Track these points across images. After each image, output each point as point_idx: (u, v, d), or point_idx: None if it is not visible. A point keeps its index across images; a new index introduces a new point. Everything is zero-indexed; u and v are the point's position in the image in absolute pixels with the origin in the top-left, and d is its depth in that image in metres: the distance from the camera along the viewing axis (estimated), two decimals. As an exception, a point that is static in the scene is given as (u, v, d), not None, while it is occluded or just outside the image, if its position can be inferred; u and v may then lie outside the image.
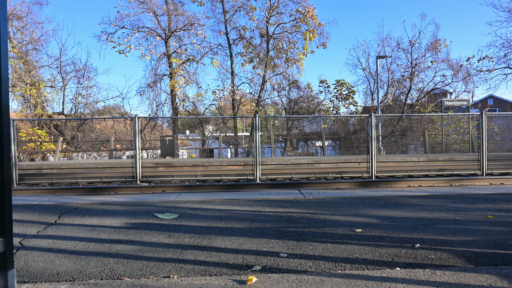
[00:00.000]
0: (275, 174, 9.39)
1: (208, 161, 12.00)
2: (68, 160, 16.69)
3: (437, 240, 3.19)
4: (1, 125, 1.69)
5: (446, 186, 7.18)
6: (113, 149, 16.70)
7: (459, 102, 18.87)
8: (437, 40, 21.79)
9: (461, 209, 4.45)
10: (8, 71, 2.43)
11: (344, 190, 6.57)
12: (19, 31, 20.31)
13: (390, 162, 11.39)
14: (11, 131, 8.14)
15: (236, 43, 22.79)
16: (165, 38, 21.92)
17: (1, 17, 1.70)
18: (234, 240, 3.29)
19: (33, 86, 19.17)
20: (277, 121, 25.97)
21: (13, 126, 8.37)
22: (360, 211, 4.43)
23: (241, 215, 4.29)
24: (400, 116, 20.76)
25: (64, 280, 2.46)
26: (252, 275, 2.46)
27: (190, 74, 22.48)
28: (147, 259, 2.83)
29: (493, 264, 2.63)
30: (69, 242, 3.28)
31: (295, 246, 3.09)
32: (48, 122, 19.51)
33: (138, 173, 8.53)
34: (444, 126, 19.94)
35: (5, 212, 1.73)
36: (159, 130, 22.93)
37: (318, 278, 2.44)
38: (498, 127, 20.49)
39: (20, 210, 4.78)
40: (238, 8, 22.01)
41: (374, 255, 2.85)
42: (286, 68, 22.77)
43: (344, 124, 23.24)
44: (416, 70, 22.10)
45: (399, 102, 23.16)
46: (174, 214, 4.36)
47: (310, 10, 20.95)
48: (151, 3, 21.20)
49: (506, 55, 20.97)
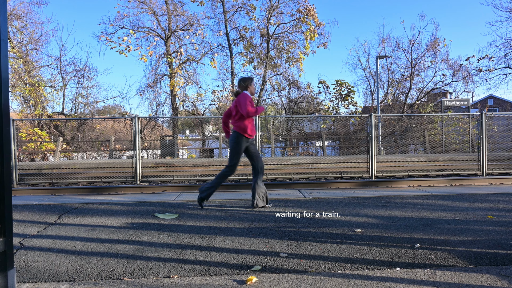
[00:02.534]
0: (275, 174, 9.39)
1: (208, 161, 12.00)
2: (68, 160, 16.69)
3: (437, 240, 3.19)
4: (1, 125, 1.69)
5: (446, 186, 7.18)
6: (113, 149, 16.70)
7: (459, 102, 18.87)
8: (436, 40, 21.80)
9: (461, 209, 4.45)
10: (8, 71, 2.43)
11: (344, 190, 6.57)
12: (19, 31, 20.31)
13: (390, 162, 11.39)
14: (11, 131, 8.13)
15: (237, 43, 22.81)
16: (165, 38, 21.92)
17: (1, 17, 1.70)
18: (234, 240, 3.29)
19: (33, 86, 19.16)
20: (277, 121, 25.97)
21: (13, 126, 8.36)
22: (360, 211, 4.44)
23: (241, 215, 4.29)
24: (400, 116, 20.76)
25: (64, 280, 2.46)
26: (252, 275, 2.46)
27: (190, 74, 22.49)
28: (147, 259, 2.83)
29: (493, 264, 2.63)
30: (69, 242, 3.28)
31: (295, 246, 3.09)
32: (48, 122, 19.51)
33: (138, 173, 8.53)
34: (444, 126, 19.94)
35: (5, 212, 1.73)
36: (159, 130, 22.93)
37: (318, 278, 2.44)
38: (498, 127, 20.49)
39: (20, 210, 4.78)
40: (239, 8, 22.01)
41: (374, 255, 2.85)
42: (287, 68, 22.78)
43: (344, 124, 23.24)
44: (416, 70, 22.12)
45: (399, 102, 23.16)
46: (174, 214, 4.36)
47: (311, 9, 20.95)
48: (151, 3, 21.21)
49: (506, 55, 20.98)
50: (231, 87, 22.54)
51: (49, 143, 17.48)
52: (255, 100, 22.73)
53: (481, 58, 21.14)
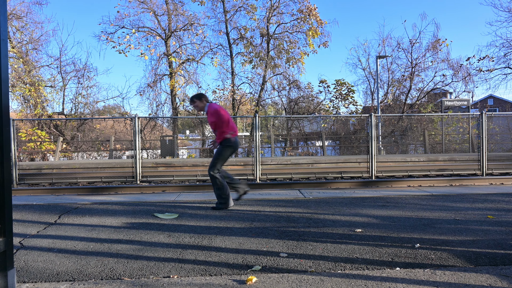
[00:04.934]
0: (275, 174, 9.39)
1: (208, 161, 12.00)
2: (68, 160, 16.68)
3: (437, 240, 3.19)
4: (1, 125, 1.69)
5: (446, 186, 7.18)
6: (113, 149, 16.70)
7: (459, 102, 18.86)
8: (437, 40, 21.79)
9: (461, 209, 4.45)
10: (8, 71, 2.43)
11: (344, 190, 6.57)
12: (19, 31, 20.31)
13: (390, 162, 11.39)
14: (11, 131, 8.13)
15: (237, 42, 22.78)
16: (165, 38, 21.91)
17: (1, 17, 1.70)
18: (234, 240, 3.29)
19: (33, 86, 19.16)
20: (277, 121, 25.97)
21: (13, 126, 8.36)
22: (360, 211, 4.43)
23: (241, 215, 4.29)
24: (400, 116, 20.75)
25: (64, 280, 2.46)
26: (252, 275, 2.46)
27: (190, 74, 22.48)
28: (147, 259, 2.83)
29: (493, 264, 2.63)
30: (69, 242, 3.28)
31: (295, 246, 3.09)
32: (48, 122, 19.51)
33: (138, 173, 8.53)
34: (444, 126, 19.94)
35: (5, 212, 1.73)
36: (159, 130, 22.93)
37: (318, 278, 2.44)
38: (498, 127, 20.49)
39: (20, 210, 4.78)
40: (239, 8, 21.99)
41: (374, 255, 2.85)
42: (287, 68, 22.76)
43: (344, 124, 23.23)
44: (416, 70, 22.11)
45: (399, 102, 23.16)
46: (174, 214, 4.36)
47: (312, 9, 20.93)
48: (151, 3, 21.19)
49: (506, 55, 20.99)
50: (231, 87, 22.53)
51: (49, 143, 17.48)
52: (255, 100, 22.74)
53: (482, 59, 21.15)
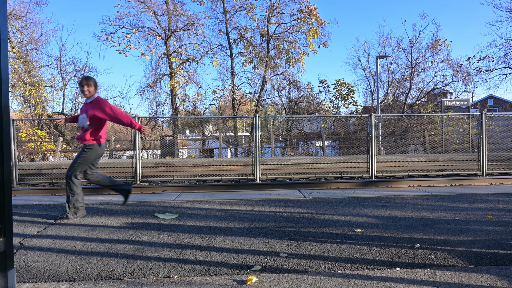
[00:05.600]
0: (275, 174, 9.39)
1: (208, 161, 12.00)
2: (68, 160, 16.67)
3: (437, 240, 3.19)
4: (1, 125, 1.69)
5: (446, 186, 7.18)
6: (113, 149, 16.70)
7: (459, 102, 18.87)
8: (437, 40, 21.81)
9: (461, 209, 4.45)
10: (8, 71, 2.43)
11: (344, 190, 6.57)
12: (19, 31, 20.31)
13: (390, 162, 11.39)
14: (11, 131, 8.13)
15: (237, 43, 22.79)
16: (165, 38, 21.92)
17: (1, 17, 1.70)
18: (234, 240, 3.29)
19: (33, 86, 19.16)
20: (277, 121, 25.97)
21: (13, 126, 8.36)
22: (360, 211, 4.43)
23: (241, 215, 4.29)
24: (400, 116, 20.76)
25: (64, 280, 2.46)
26: (252, 275, 2.46)
27: (190, 74, 22.50)
28: (147, 259, 2.83)
29: (493, 264, 2.63)
30: (69, 242, 3.28)
31: (295, 246, 3.09)
32: (48, 122, 19.51)
33: (138, 173, 8.53)
34: (444, 126, 19.94)
35: (5, 212, 1.73)
36: (159, 130, 22.94)
37: (318, 278, 2.44)
38: (498, 127, 20.49)
39: (20, 210, 4.78)
40: (239, 8, 22.00)
41: (374, 255, 2.85)
42: (287, 68, 22.76)
43: (344, 124, 23.23)
44: (416, 70, 22.12)
45: (399, 102, 23.17)
46: (174, 214, 4.36)
47: (312, 9, 20.93)
48: (151, 3, 21.20)
49: (506, 55, 21.00)
50: (231, 87, 22.54)
51: (49, 143, 17.48)
52: (255, 100, 22.74)
53: (482, 59, 21.17)
